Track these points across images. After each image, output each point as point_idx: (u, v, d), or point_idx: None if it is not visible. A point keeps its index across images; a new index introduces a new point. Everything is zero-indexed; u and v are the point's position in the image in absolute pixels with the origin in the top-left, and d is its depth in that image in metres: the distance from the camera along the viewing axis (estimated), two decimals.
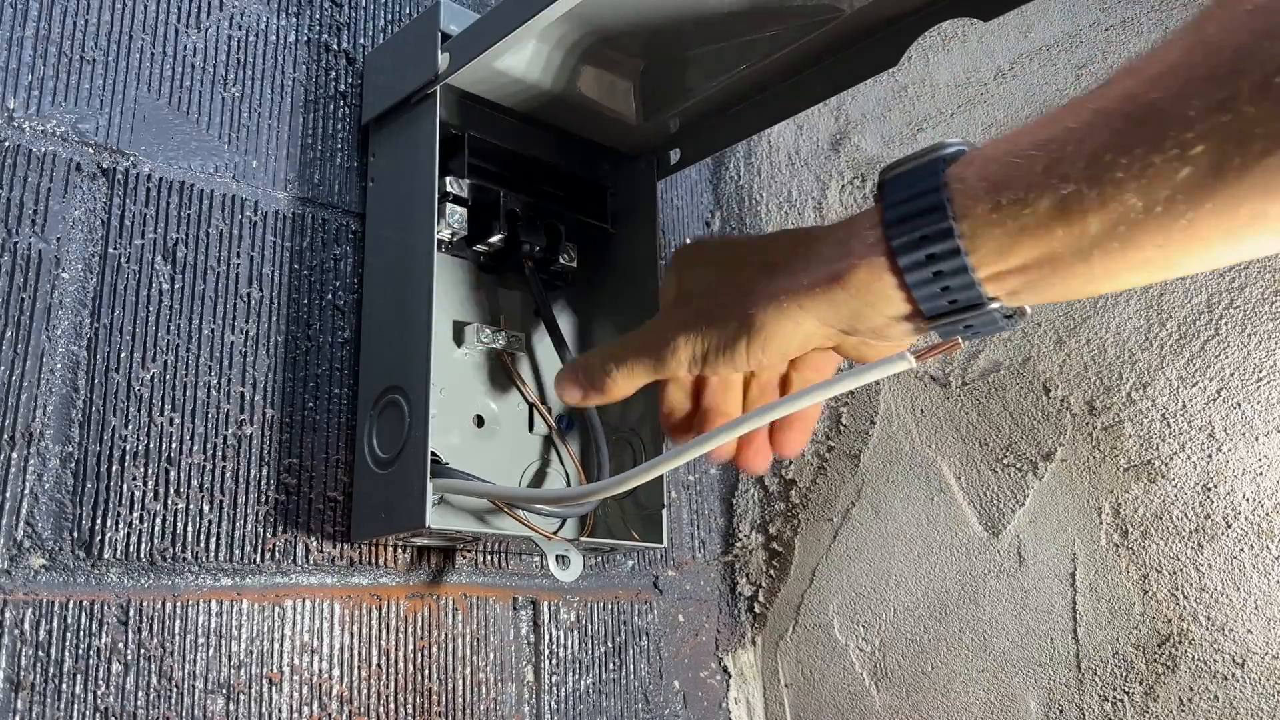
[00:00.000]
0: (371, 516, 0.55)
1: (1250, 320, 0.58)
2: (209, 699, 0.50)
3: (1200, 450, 0.59)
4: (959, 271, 0.37)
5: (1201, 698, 0.57)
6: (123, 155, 0.53)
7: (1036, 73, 0.69)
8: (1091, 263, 0.34)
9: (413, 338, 0.54)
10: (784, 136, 0.84)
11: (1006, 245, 0.36)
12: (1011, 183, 0.35)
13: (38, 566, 0.46)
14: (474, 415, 0.60)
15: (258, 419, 0.55)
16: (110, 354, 0.50)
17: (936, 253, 0.37)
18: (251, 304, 0.56)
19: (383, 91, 0.61)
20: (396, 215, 0.58)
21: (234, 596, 0.52)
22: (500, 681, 0.62)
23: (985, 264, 0.36)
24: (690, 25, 0.56)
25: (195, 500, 0.52)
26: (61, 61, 0.52)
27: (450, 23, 0.56)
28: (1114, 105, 0.33)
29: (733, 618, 0.78)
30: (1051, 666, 0.62)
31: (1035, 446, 0.65)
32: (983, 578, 0.66)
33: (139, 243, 0.52)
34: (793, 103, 0.59)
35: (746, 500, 0.80)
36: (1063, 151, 0.34)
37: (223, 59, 0.58)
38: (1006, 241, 0.35)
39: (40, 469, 0.47)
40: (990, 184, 0.36)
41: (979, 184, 0.36)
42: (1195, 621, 0.58)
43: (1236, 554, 0.57)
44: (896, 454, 0.72)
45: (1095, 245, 0.34)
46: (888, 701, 0.69)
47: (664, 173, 0.66)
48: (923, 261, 0.37)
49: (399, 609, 0.58)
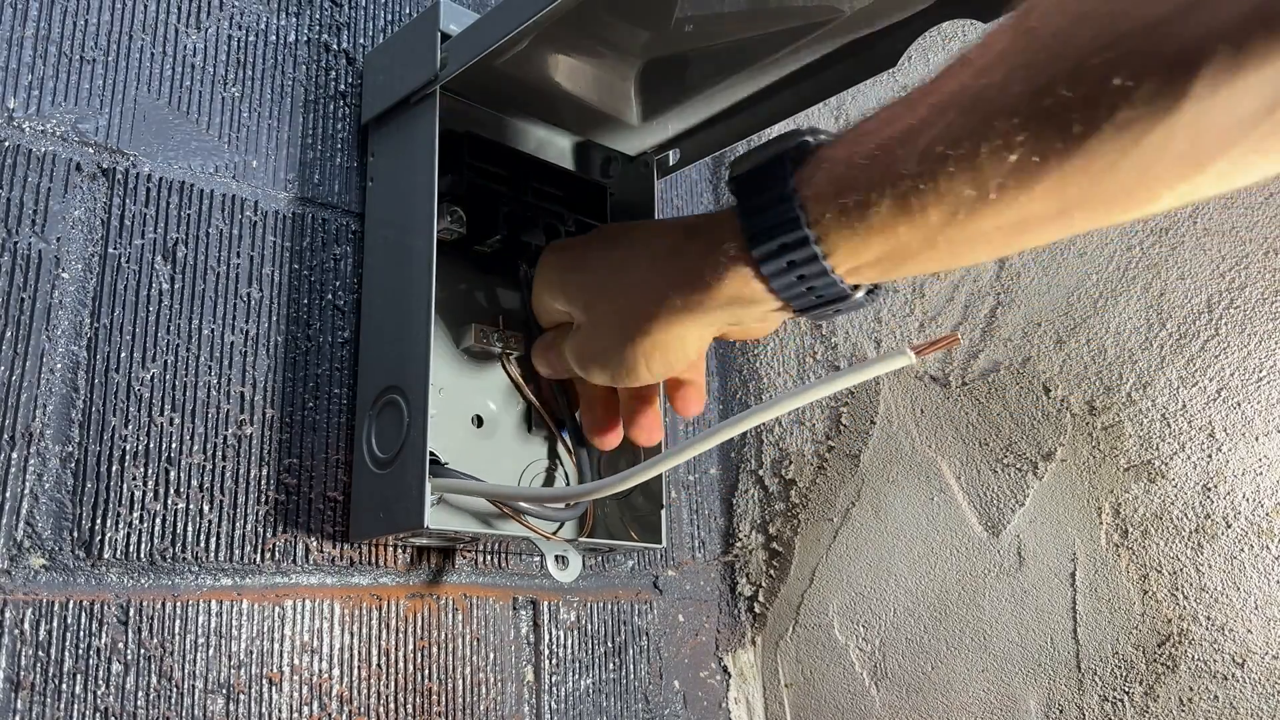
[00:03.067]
0: (370, 517, 0.55)
1: (1250, 320, 0.58)
2: (209, 699, 0.50)
3: (1200, 450, 0.59)
4: (820, 274, 0.39)
5: (1201, 698, 0.57)
6: (123, 155, 0.53)
7: None
8: (938, 247, 0.36)
9: (412, 338, 0.54)
10: None
11: (859, 244, 0.38)
12: (855, 186, 0.37)
13: (38, 566, 0.46)
14: (473, 415, 0.60)
15: (258, 419, 0.55)
16: (110, 354, 0.50)
17: (796, 259, 0.39)
18: (251, 304, 0.56)
19: (382, 91, 0.61)
20: (396, 215, 0.58)
21: (234, 596, 0.52)
22: (500, 681, 0.62)
23: (842, 262, 0.39)
24: (690, 25, 0.56)
25: (195, 500, 0.52)
26: (61, 61, 0.52)
27: (450, 23, 0.56)
28: (947, 98, 0.34)
29: (733, 618, 0.78)
30: (1051, 666, 0.62)
31: (1035, 446, 0.65)
32: (983, 578, 0.66)
33: (139, 243, 0.53)
34: (793, 103, 0.59)
35: (746, 500, 0.80)
36: (901, 148, 0.35)
37: (223, 59, 0.58)
38: (858, 241, 0.37)
39: (40, 469, 0.47)
40: (836, 188, 0.37)
41: (827, 188, 0.38)
42: (1195, 621, 0.58)
43: (1236, 554, 0.57)
44: (896, 454, 0.72)
45: (938, 233, 0.35)
46: (888, 701, 0.69)
47: (664, 173, 0.66)
48: (785, 268, 0.40)
49: (399, 609, 0.58)
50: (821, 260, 0.38)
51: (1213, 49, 0.27)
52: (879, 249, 0.37)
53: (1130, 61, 0.29)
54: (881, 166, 0.36)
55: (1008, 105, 0.32)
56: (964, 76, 0.34)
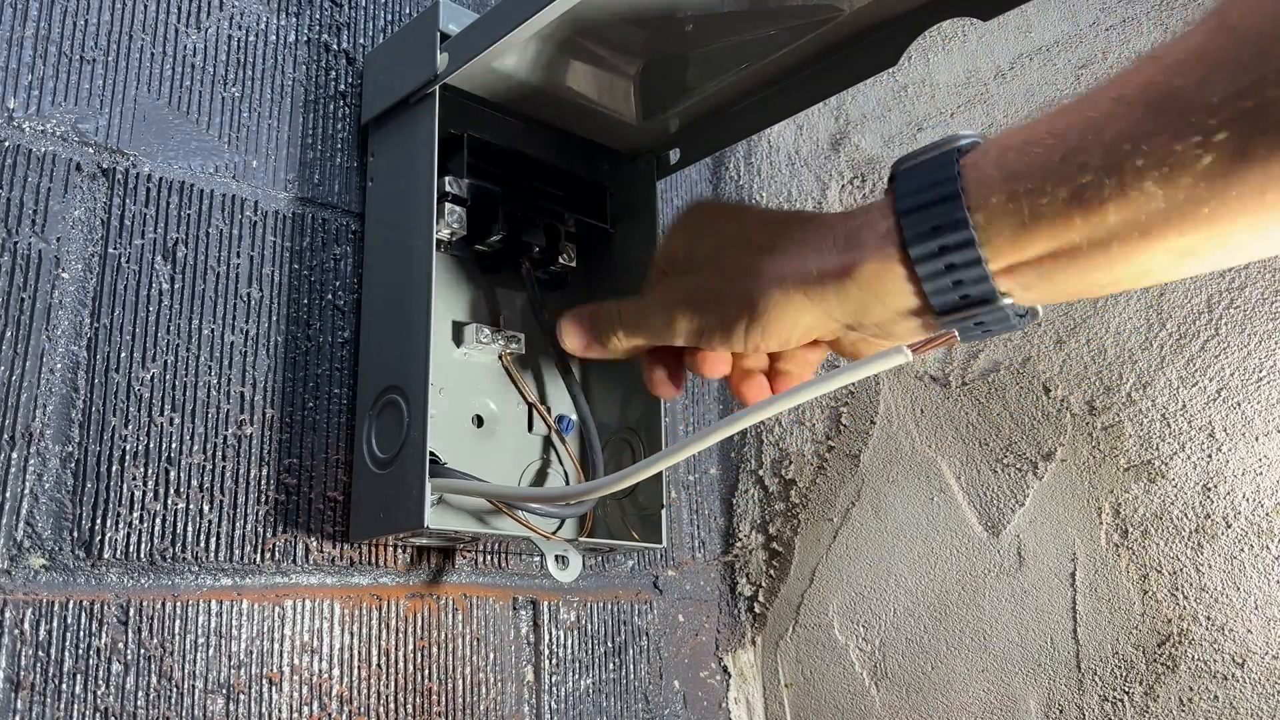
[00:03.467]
0: (370, 516, 0.55)
1: (1250, 320, 0.58)
2: (209, 699, 0.50)
3: (1200, 450, 0.59)
4: (972, 264, 0.36)
5: (1201, 698, 0.57)
6: (123, 155, 0.53)
7: (1036, 73, 0.69)
8: (1111, 254, 0.33)
9: (412, 338, 0.54)
10: (784, 136, 0.84)
11: (1023, 236, 0.35)
12: (1028, 172, 0.34)
13: (38, 566, 0.46)
14: (473, 415, 0.60)
15: (258, 419, 0.55)
16: (110, 354, 0.50)
17: (949, 244, 0.36)
18: (251, 304, 0.56)
19: (382, 91, 0.61)
20: (396, 215, 0.58)
21: (234, 596, 0.52)
22: (500, 681, 0.62)
23: (1000, 256, 0.36)
24: (690, 25, 0.56)
25: (195, 500, 0.52)
26: (61, 61, 0.52)
27: (450, 23, 0.56)
28: (1134, 93, 0.32)
29: (733, 618, 0.78)
30: (1051, 666, 0.62)
31: (1035, 446, 0.65)
32: (983, 578, 0.66)
33: (139, 243, 0.53)
34: (793, 103, 0.59)
35: (746, 500, 0.80)
36: (1081, 140, 0.33)
37: (223, 59, 0.58)
38: (1023, 232, 0.35)
39: (40, 469, 0.47)
40: (1006, 173, 0.35)
41: (994, 172, 0.35)
42: (1195, 621, 0.58)
43: (1236, 554, 0.57)
44: (896, 454, 0.72)
45: (1114, 236, 0.33)
46: (888, 701, 0.69)
47: (664, 173, 0.66)
48: (935, 252, 0.36)
49: (399, 609, 0.58)
50: (977, 247, 0.35)
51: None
52: (1044, 245, 0.34)
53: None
54: (1061, 154, 0.33)
55: (1207, 104, 0.30)
56: (1151, 72, 0.32)
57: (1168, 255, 0.33)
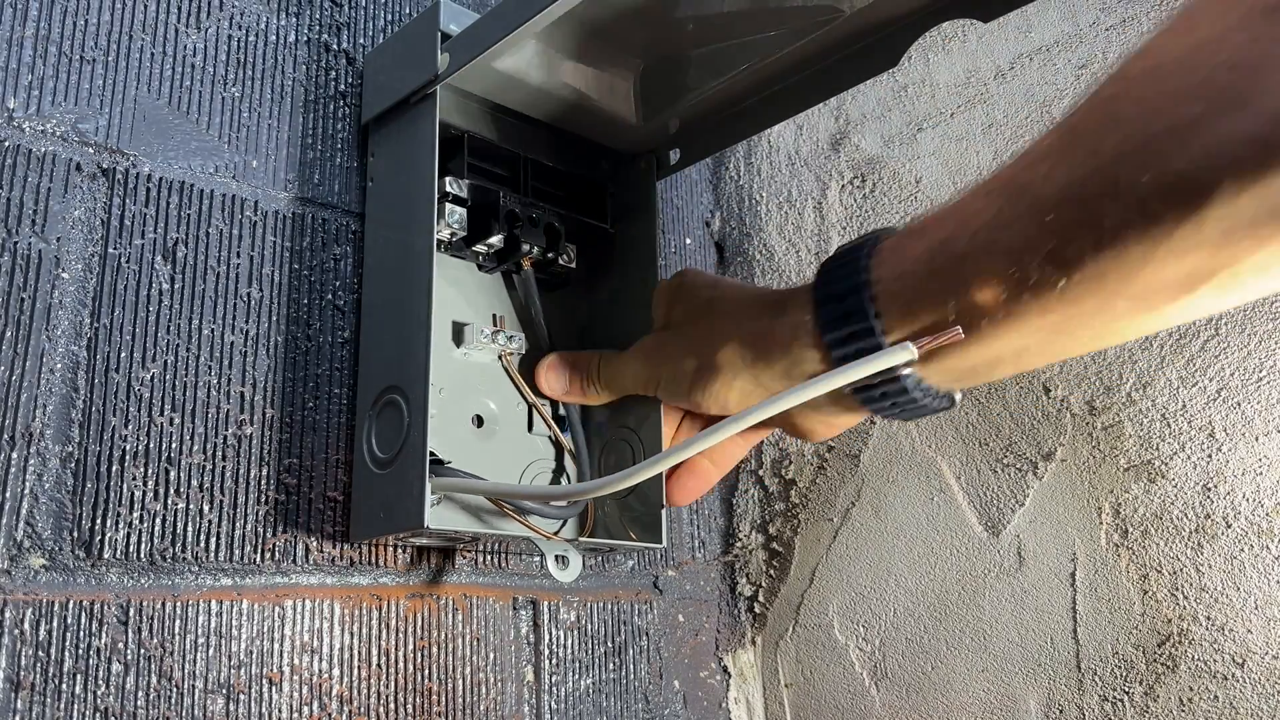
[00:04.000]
0: (370, 517, 0.55)
1: (1250, 320, 0.58)
2: (209, 699, 0.50)
3: (1200, 450, 0.59)
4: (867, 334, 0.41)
5: (1201, 698, 0.57)
6: (123, 155, 0.53)
7: (1036, 73, 0.69)
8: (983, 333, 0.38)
9: (412, 338, 0.54)
10: (784, 136, 0.84)
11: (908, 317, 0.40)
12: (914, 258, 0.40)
13: (38, 566, 0.46)
14: (473, 415, 0.60)
15: (258, 419, 0.55)
16: (110, 354, 0.50)
17: (850, 310, 0.42)
18: (251, 304, 0.56)
19: (382, 91, 0.61)
20: (396, 215, 0.58)
21: (234, 596, 0.52)
22: (500, 681, 0.62)
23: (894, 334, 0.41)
24: (690, 25, 0.56)
25: (195, 500, 0.52)
26: (61, 61, 0.52)
27: (450, 23, 0.56)
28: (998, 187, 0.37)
29: (733, 618, 0.78)
30: (1051, 666, 0.62)
31: (1035, 446, 0.65)
32: (983, 578, 0.66)
33: (139, 243, 0.53)
34: (793, 103, 0.59)
35: (746, 500, 0.80)
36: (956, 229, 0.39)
37: (223, 59, 0.58)
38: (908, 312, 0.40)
39: (40, 469, 0.47)
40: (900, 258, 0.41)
41: (890, 259, 0.41)
42: (1195, 621, 0.58)
43: (1236, 554, 0.57)
44: (896, 454, 0.72)
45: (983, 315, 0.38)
46: (888, 701, 0.69)
47: (664, 173, 0.66)
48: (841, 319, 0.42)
49: (399, 609, 0.58)
50: (871, 319, 0.41)
51: (1238, 153, 0.29)
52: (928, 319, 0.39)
53: (1157, 162, 0.31)
54: (939, 241, 0.39)
55: (1048, 196, 0.34)
56: (1015, 169, 0.37)
57: (1037, 334, 0.37)
